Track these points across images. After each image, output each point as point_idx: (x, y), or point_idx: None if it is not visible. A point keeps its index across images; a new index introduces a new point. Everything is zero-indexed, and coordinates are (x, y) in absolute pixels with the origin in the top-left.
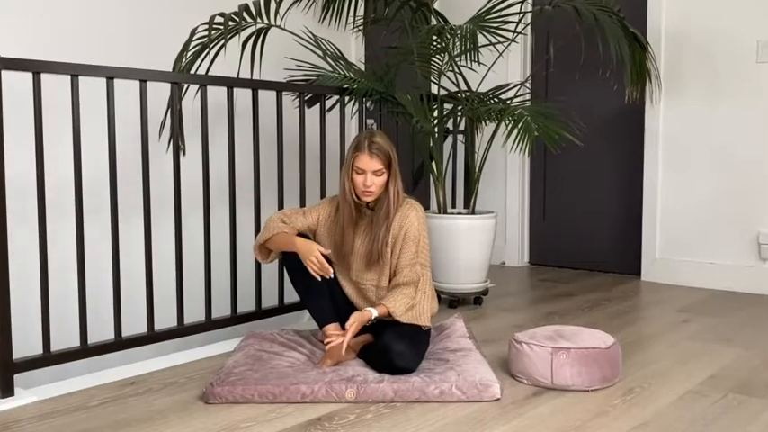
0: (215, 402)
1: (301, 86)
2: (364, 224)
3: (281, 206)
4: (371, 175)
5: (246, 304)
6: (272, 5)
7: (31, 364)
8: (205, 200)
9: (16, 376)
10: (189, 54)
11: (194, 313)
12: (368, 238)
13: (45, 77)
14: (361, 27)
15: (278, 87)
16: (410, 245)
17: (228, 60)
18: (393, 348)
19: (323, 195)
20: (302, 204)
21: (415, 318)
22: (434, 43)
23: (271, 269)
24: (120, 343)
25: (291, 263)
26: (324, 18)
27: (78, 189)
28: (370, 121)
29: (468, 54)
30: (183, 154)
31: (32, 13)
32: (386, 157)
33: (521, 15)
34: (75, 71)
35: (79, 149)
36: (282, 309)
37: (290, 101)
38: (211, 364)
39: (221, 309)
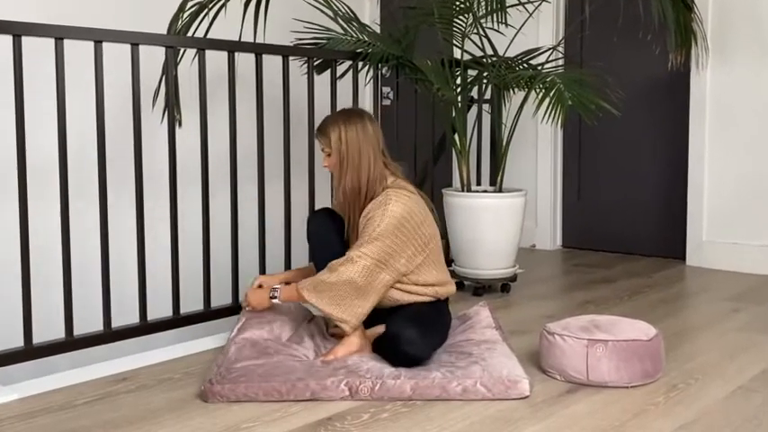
0: (215, 401)
1: (310, 51)
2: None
3: (287, 184)
4: (324, 155)
5: None
6: None
7: (11, 358)
8: (203, 177)
9: None
10: (185, 15)
11: (192, 302)
12: None
13: (27, 41)
14: None
15: (284, 52)
16: (364, 232)
17: (229, 22)
18: (402, 335)
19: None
20: (310, 183)
21: (319, 297)
22: (457, 2)
23: (276, 250)
24: (109, 335)
25: (314, 233)
26: None
27: (63, 166)
28: (385, 90)
29: (494, 15)
30: (180, 126)
31: None
32: (326, 137)
33: None
34: (59, 34)
35: (64, 122)
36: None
37: (297, 67)
38: (211, 357)
39: (222, 296)
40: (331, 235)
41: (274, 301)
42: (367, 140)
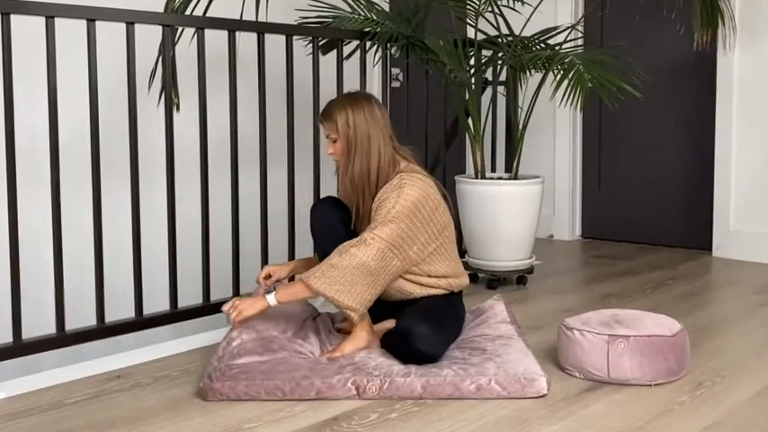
0: (215, 400)
1: (315, 30)
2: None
3: (290, 171)
4: (328, 141)
5: (250, 285)
6: None
7: None
8: (202, 163)
9: None
10: None
11: (190, 295)
12: None
13: (16, 20)
14: None
15: (288, 31)
16: (377, 214)
17: None
18: (414, 331)
19: None
20: (315, 169)
21: (328, 284)
22: None
23: (278, 242)
24: (103, 330)
25: (319, 223)
26: None
27: (54, 152)
28: (395, 71)
29: None
30: (177, 110)
31: None
32: (331, 122)
33: None
34: (50, 12)
35: (55, 106)
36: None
37: (302, 47)
38: (210, 354)
39: (222, 289)
40: (337, 225)
41: (271, 301)
42: (376, 125)
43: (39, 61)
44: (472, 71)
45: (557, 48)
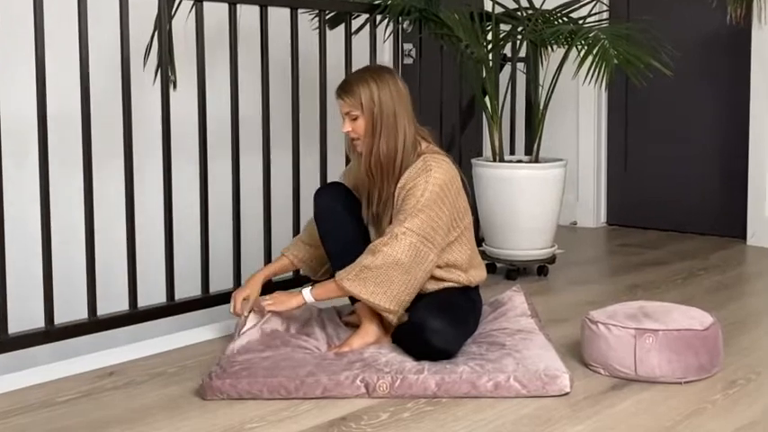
0: (214, 398)
1: (322, 2)
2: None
3: (296, 155)
4: (346, 119)
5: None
6: None
7: None
8: (201, 145)
9: None
10: None
11: (188, 287)
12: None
13: None
14: None
15: (292, 4)
16: (405, 204)
17: None
18: (428, 325)
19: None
20: (321, 152)
21: (363, 286)
22: None
23: (283, 227)
24: (95, 323)
25: (324, 211)
26: None
27: (42, 133)
28: (407, 47)
29: None
30: (174, 88)
31: None
32: (353, 98)
33: None
34: None
35: (44, 84)
36: (298, 280)
37: (307, 21)
38: (210, 349)
39: (222, 280)
40: (344, 213)
41: (307, 297)
42: (401, 101)
43: (25, 38)
44: (490, 47)
45: (580, 22)
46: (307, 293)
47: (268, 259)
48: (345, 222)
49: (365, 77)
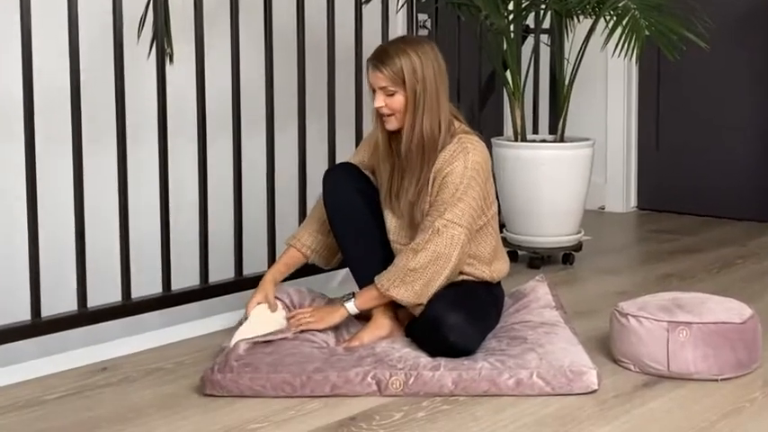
0: (214, 394)
1: None
2: (408, 170)
3: (302, 133)
4: (380, 94)
5: (255, 264)
6: None
7: None
8: (200, 123)
9: None
10: None
11: (186, 276)
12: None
13: None
14: None
15: None
16: (443, 192)
17: None
18: (445, 320)
19: (358, 119)
20: (330, 131)
21: (410, 290)
22: None
23: (287, 218)
24: (85, 316)
25: (335, 196)
26: None
27: (29, 111)
28: (422, 17)
29: None
30: (171, 61)
31: None
32: (393, 72)
33: None
34: None
35: (30, 58)
36: (305, 269)
37: None
38: (209, 344)
39: (222, 269)
40: (355, 197)
41: (351, 309)
42: (442, 76)
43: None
44: (511, 17)
45: None
46: (350, 306)
47: (272, 245)
48: (357, 206)
49: (406, 49)
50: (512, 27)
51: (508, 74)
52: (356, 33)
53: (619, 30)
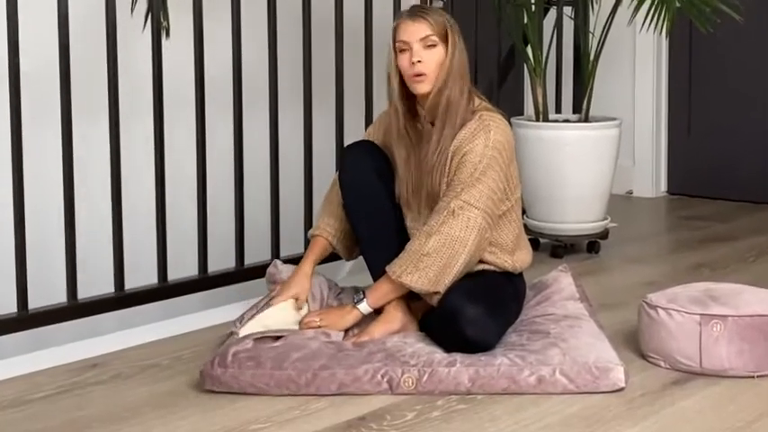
0: (214, 389)
1: None
2: (428, 148)
3: (308, 114)
4: (419, 47)
5: (258, 252)
6: None
7: None
8: (198, 102)
9: None
10: None
11: (183, 266)
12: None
13: None
14: None
15: None
16: (461, 172)
17: None
18: (463, 312)
19: (368, 96)
20: (338, 110)
21: (424, 276)
22: None
23: (293, 202)
24: (75, 308)
25: (352, 180)
26: None
27: (15, 87)
28: None
29: None
30: (167, 36)
31: None
32: (437, 22)
33: None
34: None
35: (16, 30)
36: None
37: None
38: (208, 338)
39: (222, 258)
40: (374, 178)
41: (364, 310)
42: (463, 46)
43: None
44: None
45: None
46: (363, 307)
47: (275, 232)
48: (376, 189)
49: (438, 9)
50: None
51: (529, 49)
52: (366, 6)
53: (648, 1)
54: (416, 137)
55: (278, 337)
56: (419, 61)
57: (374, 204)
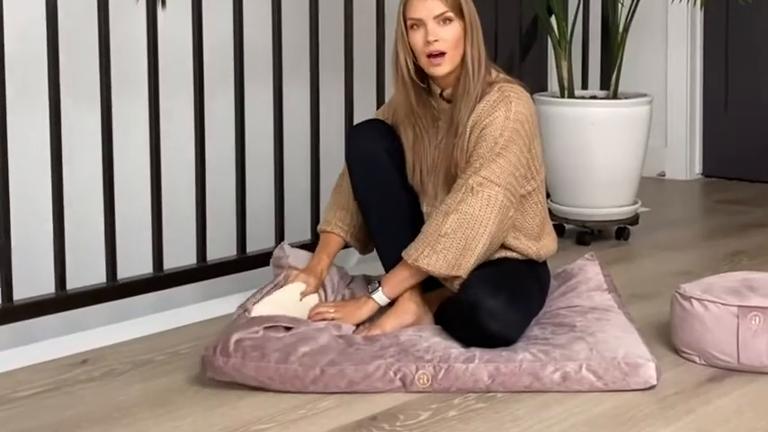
0: (215, 378)
1: None
2: (444, 126)
3: (314, 91)
4: (434, 25)
5: (261, 239)
6: None
7: None
8: (196, 76)
9: None
10: None
11: (180, 254)
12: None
13: None
14: None
15: None
16: (481, 146)
17: None
18: (483, 304)
19: (380, 76)
20: (347, 83)
21: (442, 258)
22: None
23: (299, 185)
24: (63, 300)
25: (361, 170)
26: None
27: None
28: None
29: None
30: (163, 5)
31: None
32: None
33: None
34: None
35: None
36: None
37: None
38: (207, 332)
39: (223, 245)
40: (385, 160)
41: (381, 301)
42: (477, 17)
43: None
44: None
45: None
46: (380, 297)
47: (280, 217)
48: (383, 168)
49: None
50: None
51: (553, 19)
52: None
53: None
54: (430, 115)
55: (288, 327)
56: (436, 40)
57: (386, 189)
